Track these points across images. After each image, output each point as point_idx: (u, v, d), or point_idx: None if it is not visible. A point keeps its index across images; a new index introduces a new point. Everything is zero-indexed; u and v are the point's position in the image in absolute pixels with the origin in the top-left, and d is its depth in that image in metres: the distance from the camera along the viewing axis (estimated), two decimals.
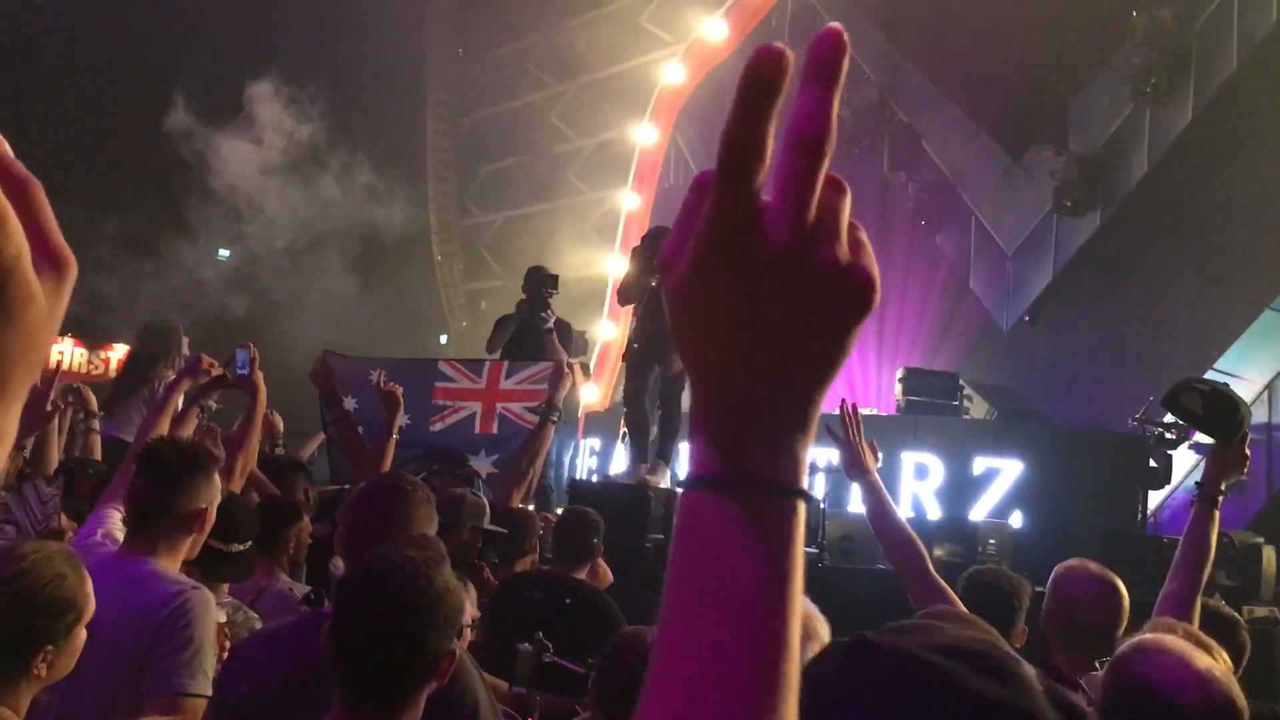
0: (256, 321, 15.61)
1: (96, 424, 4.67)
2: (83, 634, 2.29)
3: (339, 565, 4.18)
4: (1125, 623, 2.98)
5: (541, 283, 9.42)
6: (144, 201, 17.68)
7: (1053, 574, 3.08)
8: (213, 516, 2.94)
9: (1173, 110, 11.11)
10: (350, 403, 5.45)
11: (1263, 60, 10.52)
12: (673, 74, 16.35)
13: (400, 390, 4.77)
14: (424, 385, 5.81)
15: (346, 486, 5.86)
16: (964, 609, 2.89)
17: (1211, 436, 3.13)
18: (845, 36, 0.63)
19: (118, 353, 21.96)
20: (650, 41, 17.29)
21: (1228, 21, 10.79)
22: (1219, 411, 3.08)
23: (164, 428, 3.69)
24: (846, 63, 0.64)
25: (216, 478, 2.92)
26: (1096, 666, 2.87)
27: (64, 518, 3.74)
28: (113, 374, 21.40)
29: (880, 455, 3.29)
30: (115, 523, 3.24)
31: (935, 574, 3.01)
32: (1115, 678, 2.15)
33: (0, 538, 3.65)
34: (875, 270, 0.69)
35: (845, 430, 3.17)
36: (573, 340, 10.28)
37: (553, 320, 9.67)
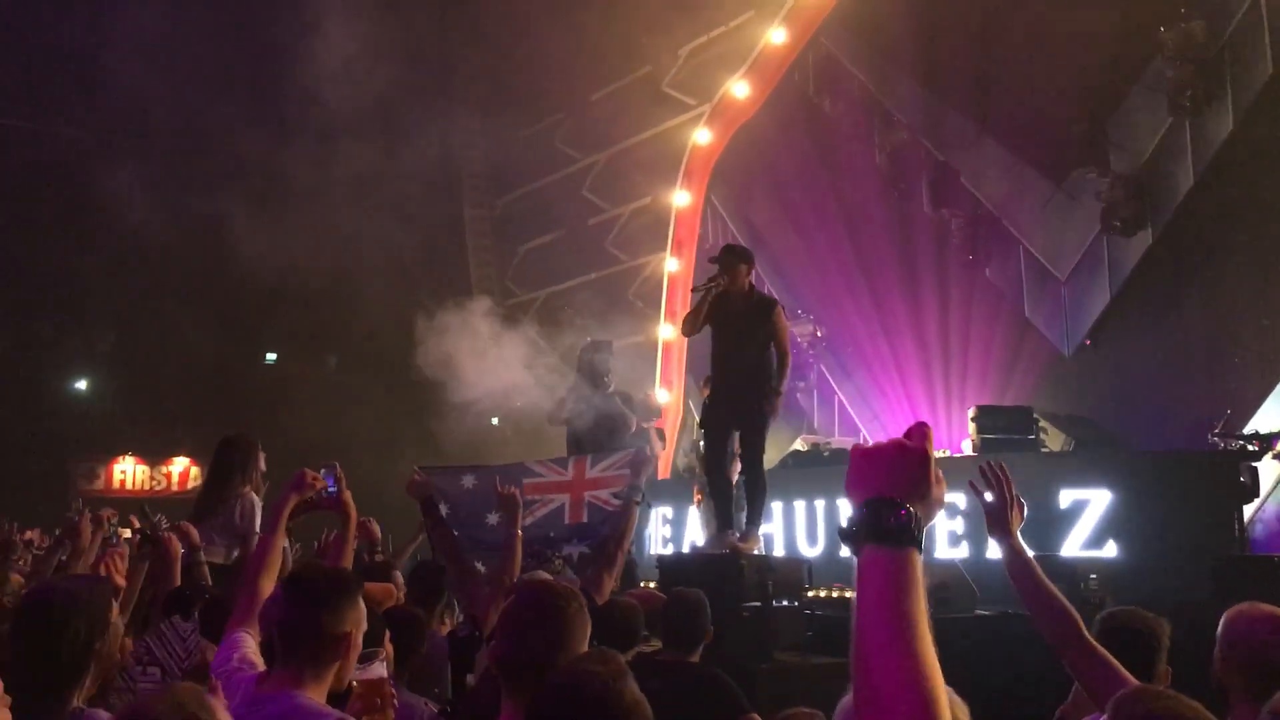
0: (321, 430, 15.72)
1: (201, 555, 4.70)
2: None
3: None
4: None
5: (595, 350, 9.51)
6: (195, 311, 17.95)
7: (1223, 619, 2.96)
8: (359, 642, 2.92)
9: (1213, 120, 11.03)
10: (443, 509, 5.50)
11: None
12: (701, 136, 16.49)
13: (517, 492, 4.83)
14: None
15: None
16: (1130, 678, 2.78)
17: None
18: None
19: (178, 467, 22.32)
20: (674, 106, 17.46)
21: (1258, 27, 10.72)
22: None
23: (279, 546, 3.69)
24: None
25: (362, 603, 2.91)
26: None
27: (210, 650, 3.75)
28: (175, 488, 21.74)
29: (1025, 512, 3.20)
30: (251, 646, 3.23)
31: (1092, 640, 2.91)
32: None
33: (145, 680, 3.65)
34: None
35: (993, 486, 3.07)
36: (634, 405, 10.33)
37: (614, 385, 9.76)
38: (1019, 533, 3.07)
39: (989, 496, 3.14)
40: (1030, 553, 3.14)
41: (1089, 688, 2.86)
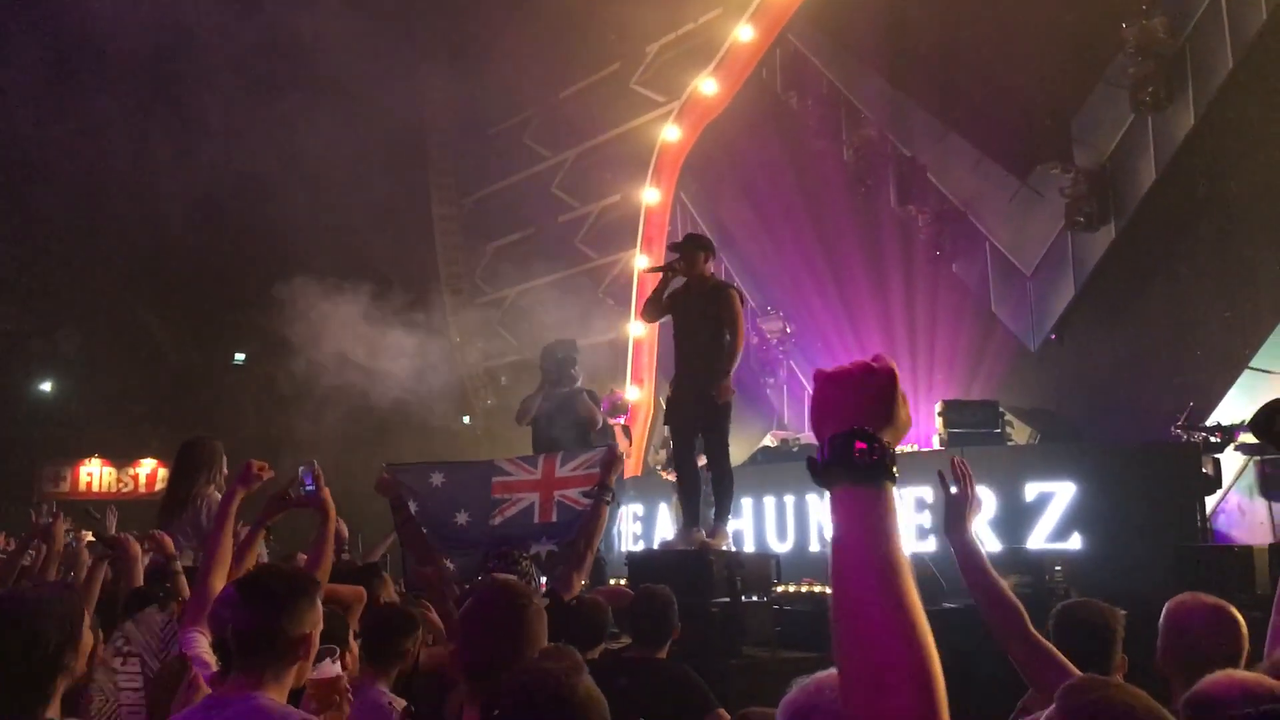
0: (283, 428, 15.62)
1: (178, 564, 4.66)
2: None
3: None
4: (1247, 650, 2.90)
5: (560, 349, 9.57)
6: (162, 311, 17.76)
7: (1164, 610, 3.00)
8: (316, 642, 2.90)
9: (1174, 116, 11.15)
10: (412, 506, 5.48)
11: (1258, 57, 10.57)
12: (670, 133, 16.49)
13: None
14: (484, 484, 5.84)
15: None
16: (1074, 670, 2.81)
17: None
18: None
19: (145, 469, 22.11)
20: (643, 104, 17.45)
21: (1218, 23, 10.85)
22: None
23: (228, 542, 3.66)
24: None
25: (319, 602, 2.89)
26: None
27: None
28: (143, 490, 21.54)
29: (981, 508, 3.23)
30: (203, 646, 3.21)
31: (1037, 635, 2.94)
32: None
33: (125, 671, 3.63)
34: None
35: (958, 484, 3.09)
36: (599, 402, 10.37)
37: (581, 380, 9.81)
38: (973, 527, 3.10)
39: (953, 490, 3.16)
40: (983, 547, 3.17)
41: (1031, 679, 2.90)
